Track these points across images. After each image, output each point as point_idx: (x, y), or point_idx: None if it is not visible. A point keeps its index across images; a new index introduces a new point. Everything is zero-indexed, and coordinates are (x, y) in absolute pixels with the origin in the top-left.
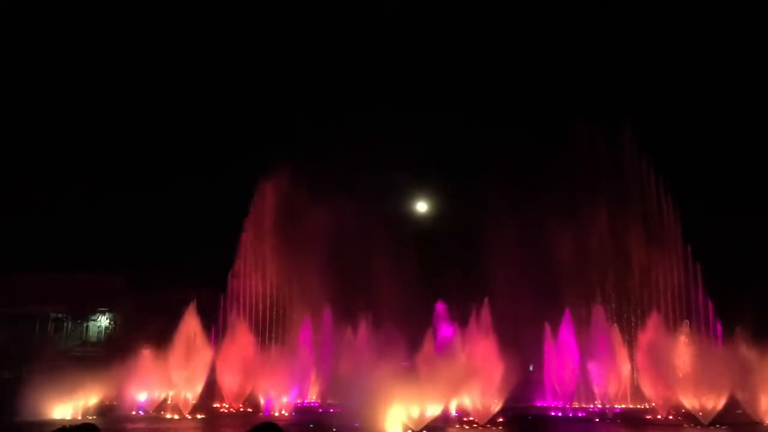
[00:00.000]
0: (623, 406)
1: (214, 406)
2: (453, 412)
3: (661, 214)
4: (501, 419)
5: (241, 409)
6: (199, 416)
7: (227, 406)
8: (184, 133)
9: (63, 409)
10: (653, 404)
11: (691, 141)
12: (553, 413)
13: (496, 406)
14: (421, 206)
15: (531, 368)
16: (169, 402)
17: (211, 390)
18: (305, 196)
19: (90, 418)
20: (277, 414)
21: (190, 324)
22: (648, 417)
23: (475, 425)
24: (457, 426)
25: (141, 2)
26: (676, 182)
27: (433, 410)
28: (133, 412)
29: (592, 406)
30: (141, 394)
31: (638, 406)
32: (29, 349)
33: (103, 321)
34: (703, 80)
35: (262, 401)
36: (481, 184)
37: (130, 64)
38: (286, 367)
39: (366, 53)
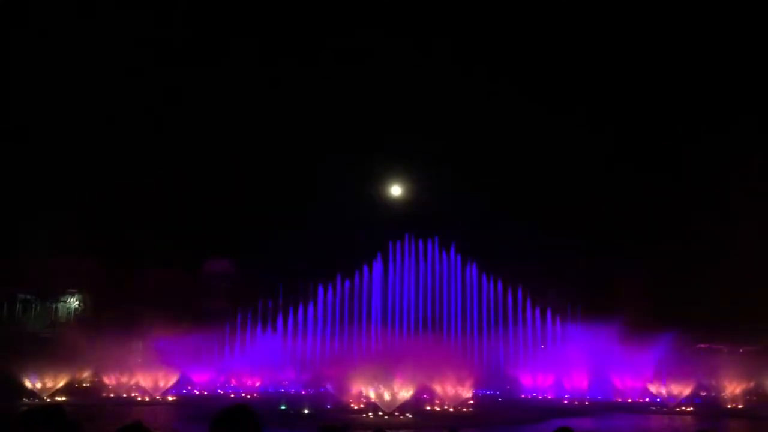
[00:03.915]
0: None
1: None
2: (424, 395)
3: None
4: (471, 402)
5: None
6: (170, 398)
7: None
8: None
9: (31, 391)
10: None
11: None
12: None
13: (467, 391)
14: None
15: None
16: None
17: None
18: None
19: (59, 399)
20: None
21: None
22: None
23: (445, 407)
24: (428, 408)
25: None
26: None
27: (405, 393)
28: (104, 395)
29: None
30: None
31: None
32: None
33: (73, 302)
34: None
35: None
36: None
37: None
38: None
39: None
